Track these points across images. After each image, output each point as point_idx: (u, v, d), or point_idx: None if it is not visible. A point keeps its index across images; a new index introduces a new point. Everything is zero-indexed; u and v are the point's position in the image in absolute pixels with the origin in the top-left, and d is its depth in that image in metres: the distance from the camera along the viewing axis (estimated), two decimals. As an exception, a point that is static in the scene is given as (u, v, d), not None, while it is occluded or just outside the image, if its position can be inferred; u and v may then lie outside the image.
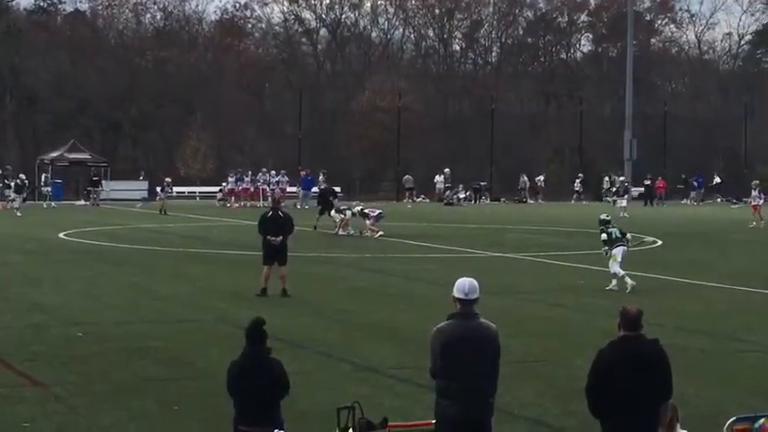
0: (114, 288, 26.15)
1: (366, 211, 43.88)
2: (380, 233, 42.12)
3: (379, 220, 43.18)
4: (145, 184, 74.79)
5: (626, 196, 61.42)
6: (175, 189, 67.33)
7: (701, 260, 34.97)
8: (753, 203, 52.99)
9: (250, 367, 10.22)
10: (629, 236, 27.49)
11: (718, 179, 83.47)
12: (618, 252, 26.51)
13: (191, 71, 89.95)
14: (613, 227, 27.04)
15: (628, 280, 26.22)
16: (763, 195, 53.57)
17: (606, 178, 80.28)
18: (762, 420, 10.38)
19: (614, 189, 70.20)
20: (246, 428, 9.99)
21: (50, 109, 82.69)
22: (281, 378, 10.35)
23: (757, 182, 57.25)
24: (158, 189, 62.86)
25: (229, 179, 69.13)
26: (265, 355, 10.34)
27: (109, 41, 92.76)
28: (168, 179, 63.85)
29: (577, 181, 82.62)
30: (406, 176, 79.07)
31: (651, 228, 44.29)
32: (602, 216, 27.70)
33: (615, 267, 26.43)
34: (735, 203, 75.77)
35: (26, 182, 63.11)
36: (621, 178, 74.33)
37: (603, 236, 26.89)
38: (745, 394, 15.16)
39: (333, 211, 44.16)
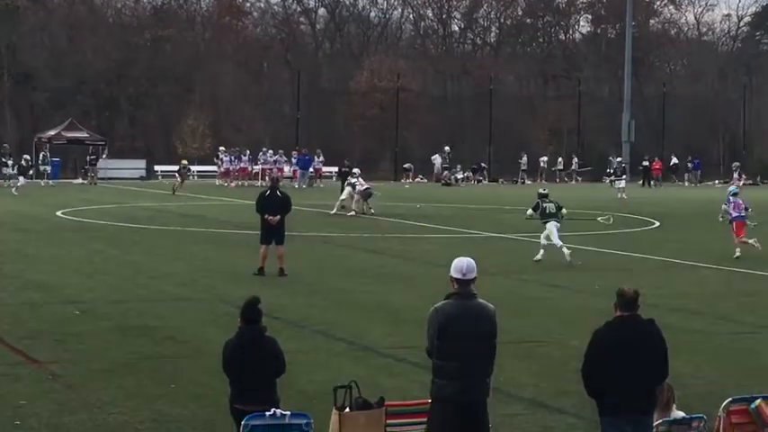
0: (111, 266, 26.15)
1: (354, 181, 43.84)
2: (372, 211, 42.21)
3: (366, 197, 43.17)
4: (142, 163, 74.79)
5: (624, 177, 61.48)
6: (171, 168, 67.26)
7: (696, 241, 34.97)
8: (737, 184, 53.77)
9: (246, 346, 10.24)
10: (564, 211, 28.90)
11: (675, 159, 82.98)
12: (551, 226, 28.19)
13: (188, 50, 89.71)
14: (549, 201, 28.84)
15: (565, 250, 27.73)
16: (743, 177, 54.27)
17: (611, 159, 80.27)
18: (758, 401, 10.40)
19: (611, 170, 70.29)
20: (243, 407, 10.00)
21: (47, 87, 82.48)
22: (277, 356, 10.37)
23: (738, 164, 58.03)
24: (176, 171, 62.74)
25: (224, 158, 68.98)
26: (261, 333, 10.36)
27: (107, 19, 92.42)
28: (185, 161, 63.96)
29: (574, 161, 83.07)
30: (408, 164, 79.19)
31: (648, 209, 44.32)
32: (541, 190, 30.24)
33: (555, 239, 28.07)
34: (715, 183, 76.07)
35: (30, 163, 63.29)
36: (618, 159, 74.39)
37: (529, 211, 29.27)
38: (741, 375, 15.19)
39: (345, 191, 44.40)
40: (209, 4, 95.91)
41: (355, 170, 46.94)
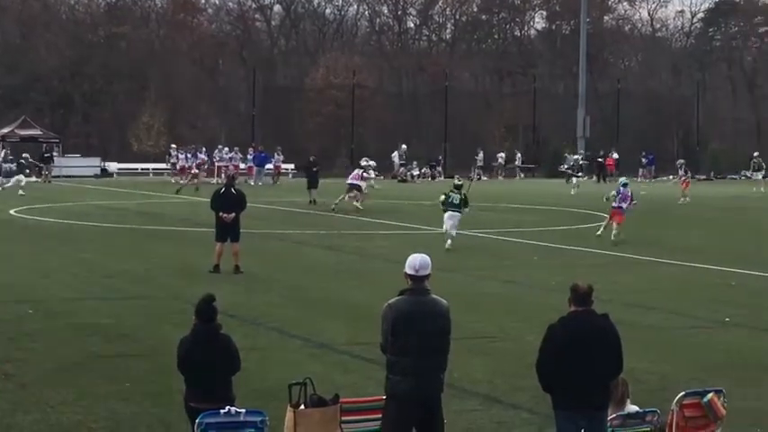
0: (65, 265, 25.99)
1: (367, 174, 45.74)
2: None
3: (350, 190, 44.11)
4: (97, 161, 74.34)
5: (580, 174, 61.97)
6: (127, 166, 66.93)
7: (649, 236, 35.15)
8: (684, 180, 54.74)
9: (200, 343, 10.20)
10: (467, 208, 31.14)
11: (615, 155, 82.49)
12: (446, 216, 30.54)
13: (143, 47, 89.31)
14: (457, 193, 30.89)
15: (449, 240, 29.82)
16: (688, 173, 55.31)
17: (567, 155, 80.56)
18: (710, 395, 10.47)
19: (566, 166, 70.65)
20: (197, 405, 9.96)
21: (0, 84, 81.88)
22: (231, 354, 10.34)
23: (682, 161, 59.07)
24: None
25: (179, 156, 68.70)
26: (216, 331, 10.32)
27: (60, 16, 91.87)
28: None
29: (517, 156, 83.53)
30: (365, 159, 79.08)
31: (599, 204, 44.46)
32: (456, 182, 32.10)
33: (445, 226, 30.52)
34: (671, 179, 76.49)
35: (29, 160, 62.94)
36: (575, 156, 74.62)
37: (442, 197, 31.24)
38: (694, 369, 15.30)
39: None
40: (163, 1, 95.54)
41: (371, 163, 48.72)
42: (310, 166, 49.83)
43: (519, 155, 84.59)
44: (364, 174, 44.95)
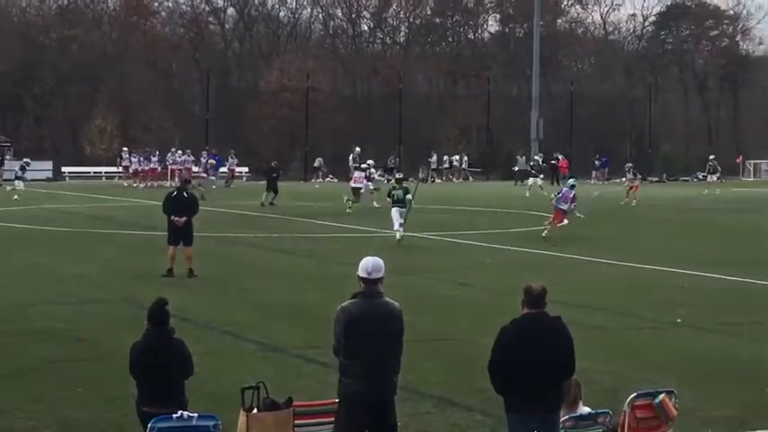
0: (16, 269, 25.81)
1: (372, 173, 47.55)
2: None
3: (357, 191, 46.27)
4: (49, 164, 73.85)
5: (541, 176, 62.31)
6: (79, 169, 66.46)
7: (599, 237, 35.35)
8: (630, 184, 55.31)
9: (153, 348, 10.17)
10: (409, 197, 32.55)
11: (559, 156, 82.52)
12: (393, 211, 32.50)
13: (96, 50, 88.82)
14: (400, 189, 32.84)
15: (398, 234, 31.83)
16: (637, 175, 56.24)
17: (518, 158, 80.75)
18: (662, 396, 10.53)
19: (531, 164, 70.72)
20: (149, 409, 9.93)
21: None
22: (184, 358, 10.32)
23: (630, 165, 60.00)
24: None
25: (132, 159, 68.40)
26: (168, 335, 10.30)
27: (11, 19, 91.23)
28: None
29: (464, 159, 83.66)
30: (318, 159, 79.19)
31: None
32: (398, 176, 35.24)
33: (395, 223, 32.32)
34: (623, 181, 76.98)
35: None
36: (537, 157, 74.54)
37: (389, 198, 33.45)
38: (646, 370, 15.39)
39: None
40: (116, 4, 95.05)
41: (370, 161, 51.03)
42: (270, 172, 50.02)
43: (465, 157, 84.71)
44: (371, 175, 46.41)
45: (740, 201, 58.38)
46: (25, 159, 61.39)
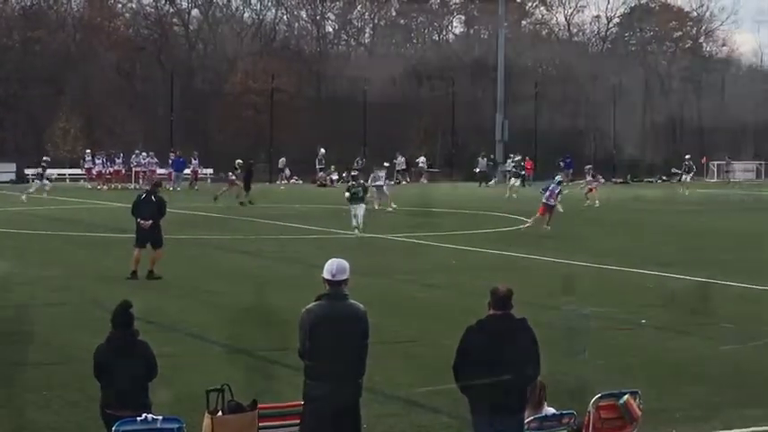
0: (-20, 272, 25.64)
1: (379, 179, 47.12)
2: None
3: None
4: (12, 166, 73.36)
5: (522, 174, 62.76)
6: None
7: (569, 238, 35.48)
8: (589, 186, 56.15)
9: (117, 350, 10.15)
10: (369, 194, 34.81)
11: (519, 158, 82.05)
12: (352, 208, 35.02)
13: (59, 51, 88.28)
14: (359, 187, 35.36)
15: (357, 231, 34.17)
16: (598, 177, 57.05)
17: (480, 159, 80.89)
18: (626, 396, 10.58)
19: (477, 170, 70.87)
20: (113, 412, 9.90)
21: None
22: (148, 361, 10.30)
23: (590, 166, 60.49)
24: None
25: (96, 161, 68.06)
26: (132, 337, 10.28)
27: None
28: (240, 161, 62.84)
29: (421, 160, 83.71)
30: (281, 159, 79.13)
31: (520, 207, 44.79)
32: (354, 173, 36.71)
33: (354, 219, 34.76)
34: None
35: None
36: (518, 158, 74.46)
37: (347, 194, 35.62)
38: (610, 370, 15.46)
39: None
40: (79, 5, 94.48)
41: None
42: (248, 168, 52.71)
43: (423, 158, 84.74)
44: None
45: (705, 202, 58.71)
46: (46, 158, 60.99)
